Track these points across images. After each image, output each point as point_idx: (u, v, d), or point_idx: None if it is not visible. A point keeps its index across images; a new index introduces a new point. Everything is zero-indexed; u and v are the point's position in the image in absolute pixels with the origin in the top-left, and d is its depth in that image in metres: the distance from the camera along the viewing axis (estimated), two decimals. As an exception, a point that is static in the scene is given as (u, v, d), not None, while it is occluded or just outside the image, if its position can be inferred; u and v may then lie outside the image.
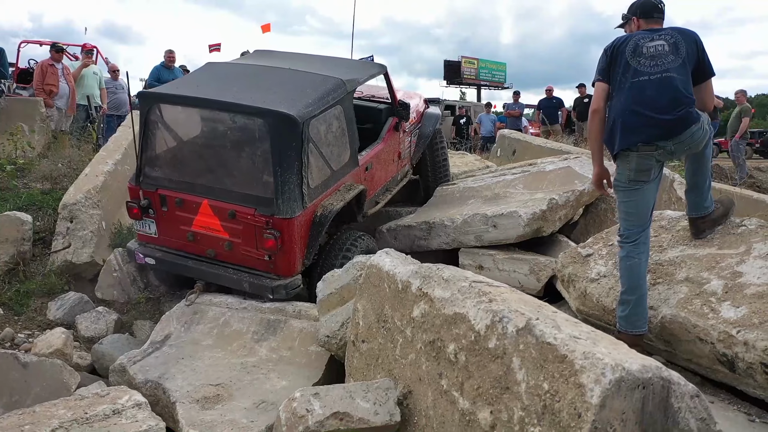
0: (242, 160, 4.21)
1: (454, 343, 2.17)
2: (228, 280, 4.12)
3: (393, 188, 5.48)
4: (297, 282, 4.04)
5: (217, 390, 3.40)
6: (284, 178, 3.88)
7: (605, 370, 1.60)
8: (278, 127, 3.87)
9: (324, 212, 4.12)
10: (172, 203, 4.15)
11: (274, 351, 3.74)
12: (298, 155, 3.91)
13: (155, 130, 4.31)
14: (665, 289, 2.84)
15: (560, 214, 4.55)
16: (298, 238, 3.96)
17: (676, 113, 2.79)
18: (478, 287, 2.22)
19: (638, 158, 2.86)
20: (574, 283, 3.27)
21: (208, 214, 4.06)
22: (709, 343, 2.53)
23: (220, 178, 4.17)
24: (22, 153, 6.25)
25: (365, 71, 5.07)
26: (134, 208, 4.28)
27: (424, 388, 2.34)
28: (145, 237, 4.40)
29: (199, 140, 4.43)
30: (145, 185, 4.24)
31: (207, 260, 4.19)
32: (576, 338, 1.75)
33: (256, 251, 3.96)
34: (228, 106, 4.11)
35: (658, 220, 3.36)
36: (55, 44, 8.35)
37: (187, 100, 4.33)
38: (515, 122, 13.68)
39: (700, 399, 1.76)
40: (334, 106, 4.34)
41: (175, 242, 4.27)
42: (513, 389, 1.86)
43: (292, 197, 3.90)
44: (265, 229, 3.86)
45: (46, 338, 3.94)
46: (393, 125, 5.31)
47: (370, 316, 2.83)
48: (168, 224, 4.25)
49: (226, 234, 4.04)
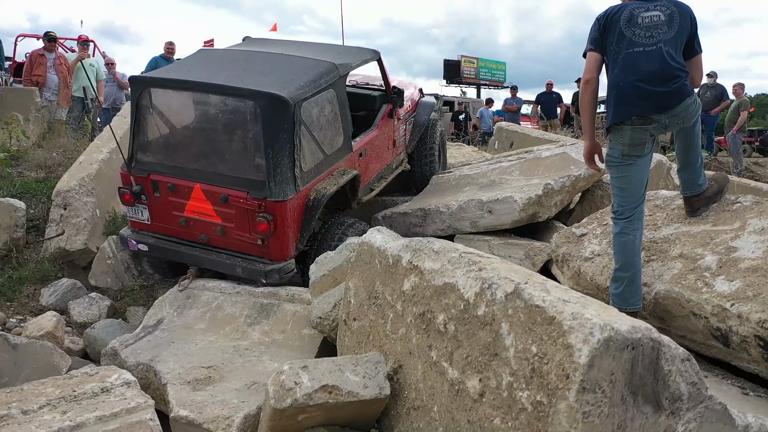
0: (234, 143, 4.17)
1: (443, 314, 2.14)
2: (221, 265, 4.09)
3: (388, 176, 5.45)
4: (290, 266, 4.00)
5: (209, 372, 3.38)
6: (276, 161, 3.84)
7: (594, 330, 1.58)
8: (270, 109, 3.84)
9: (317, 196, 4.09)
10: (165, 188, 4.12)
11: (267, 334, 3.72)
12: (290, 138, 3.88)
13: (146, 116, 4.28)
14: (659, 266, 2.81)
15: (556, 199, 4.52)
16: (291, 221, 3.92)
17: (671, 86, 2.76)
18: (468, 257, 2.19)
19: (632, 132, 2.83)
20: (568, 262, 3.24)
21: (200, 198, 4.02)
22: (702, 318, 2.50)
23: (213, 163, 4.14)
24: (17, 142, 6.22)
25: (358, 56, 5.03)
26: (126, 194, 4.24)
27: (414, 361, 2.32)
28: (138, 224, 4.36)
29: (191, 124, 4.39)
30: (136, 171, 4.20)
31: (200, 246, 4.16)
32: (565, 301, 1.72)
33: (249, 235, 3.93)
34: (219, 89, 4.08)
35: (653, 200, 3.34)
36: (47, 33, 8.21)
37: (177, 83, 4.30)
38: (513, 117, 13.65)
39: (691, 363, 1.73)
40: (326, 90, 4.31)
41: (168, 228, 4.23)
42: (501, 355, 1.83)
43: (284, 180, 3.86)
44: (257, 212, 3.82)
45: (36, 321, 3.91)
46: (387, 112, 5.28)
47: (362, 293, 2.80)
48: (160, 210, 4.21)
49: (219, 219, 4.00)
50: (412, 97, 5.97)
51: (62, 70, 8.16)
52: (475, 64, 29.91)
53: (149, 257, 4.68)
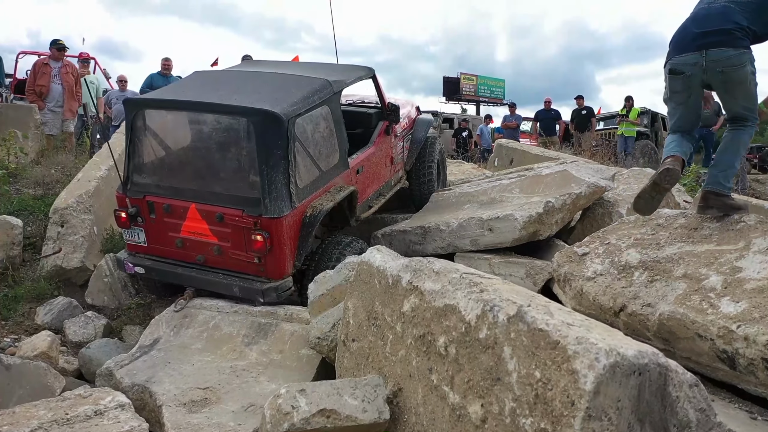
0: (228, 161, 4.16)
1: (444, 336, 2.10)
2: (218, 285, 4.05)
3: (386, 193, 5.42)
4: (288, 284, 3.96)
5: (205, 393, 3.32)
6: (271, 177, 3.82)
7: (599, 355, 1.53)
8: (263, 125, 3.82)
9: (314, 212, 4.05)
10: (160, 209, 4.09)
11: (265, 354, 3.66)
12: (284, 154, 3.86)
13: (141, 137, 4.26)
14: (663, 286, 2.76)
15: (557, 217, 4.48)
16: (288, 238, 3.89)
17: (719, 32, 2.91)
18: (469, 278, 2.15)
19: (670, 79, 3.11)
20: (570, 282, 3.20)
21: (196, 218, 4.00)
22: (708, 340, 2.45)
23: (208, 182, 4.12)
24: (15, 159, 6.20)
25: (352, 74, 5.03)
26: (122, 217, 4.21)
27: (414, 384, 2.26)
28: (135, 246, 4.32)
29: (185, 144, 4.38)
30: (132, 193, 4.18)
31: (196, 266, 4.12)
32: (569, 324, 1.68)
33: (246, 254, 3.89)
34: (212, 107, 4.08)
35: (655, 218, 3.30)
36: (56, 41, 7.91)
37: (171, 103, 4.31)
38: (512, 134, 13.68)
39: (699, 388, 1.68)
40: (320, 106, 4.30)
41: (165, 250, 4.20)
42: (504, 380, 1.78)
43: (279, 196, 3.84)
44: (253, 230, 3.79)
45: (31, 341, 3.86)
46: (384, 129, 5.27)
47: (361, 314, 2.76)
48: (157, 231, 4.18)
49: (215, 238, 3.97)
50: (409, 114, 5.97)
51: (68, 79, 7.87)
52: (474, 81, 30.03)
53: (145, 279, 4.62)
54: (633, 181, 5.32)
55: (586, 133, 13.00)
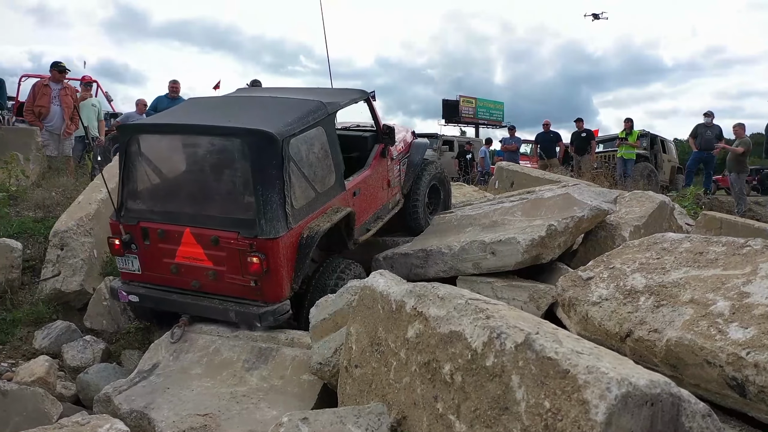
0: (223, 183, 4.13)
1: (449, 363, 2.06)
2: (214, 311, 3.98)
3: (384, 216, 5.38)
4: (285, 307, 3.91)
5: (205, 420, 3.27)
6: (266, 198, 3.78)
7: (610, 385, 1.50)
8: (257, 145, 3.81)
9: (310, 234, 4.01)
10: (154, 235, 4.03)
11: (265, 380, 3.61)
12: (279, 174, 3.83)
13: (135, 163, 4.23)
14: (670, 311, 2.73)
15: (559, 240, 4.46)
16: (284, 260, 3.84)
17: None
18: (475, 304, 2.12)
19: None
20: (575, 307, 3.16)
21: (190, 243, 3.93)
22: (717, 366, 2.41)
23: (202, 205, 4.09)
24: (16, 181, 6.19)
25: (347, 96, 5.04)
26: (116, 244, 4.13)
27: (419, 412, 2.22)
28: (129, 275, 4.25)
29: (180, 169, 4.36)
30: (126, 219, 4.12)
31: (192, 293, 4.06)
32: (578, 353, 1.65)
33: (242, 278, 3.83)
34: (206, 129, 4.08)
35: (660, 242, 3.28)
36: (57, 63, 7.99)
37: (165, 128, 4.31)
38: (512, 156, 13.73)
39: (712, 419, 1.65)
40: (314, 127, 4.29)
41: (159, 277, 4.13)
42: (512, 409, 1.75)
43: (275, 217, 3.79)
44: (249, 252, 3.74)
45: (28, 366, 3.81)
46: (380, 151, 5.25)
47: (364, 339, 2.72)
48: (151, 258, 4.11)
49: (211, 263, 3.91)
50: (405, 138, 5.97)
51: (68, 101, 7.91)
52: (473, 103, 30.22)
53: (137, 307, 4.49)
54: (635, 204, 5.31)
55: (586, 155, 13.04)
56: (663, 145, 16.07)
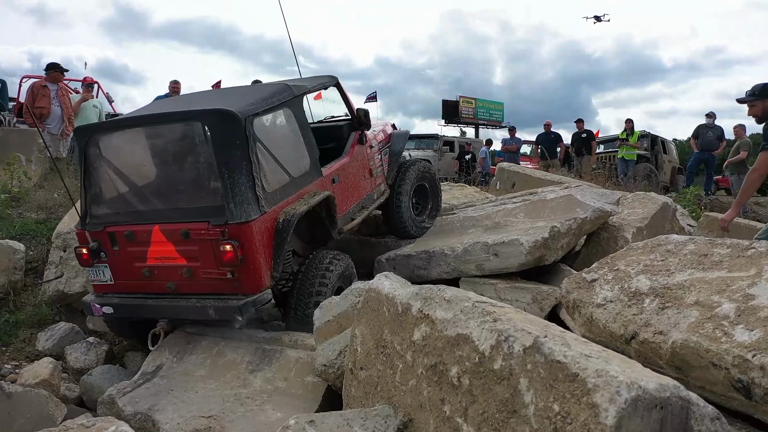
0: (187, 173, 3.97)
1: (457, 366, 2.06)
2: (191, 311, 3.77)
3: (369, 205, 5.23)
4: (266, 296, 3.71)
5: (209, 422, 3.27)
6: (233, 181, 3.62)
7: (620, 389, 1.50)
8: (219, 126, 3.66)
9: (287, 217, 3.85)
10: (123, 239, 3.84)
11: (269, 382, 3.61)
12: (245, 155, 3.69)
13: (96, 166, 4.04)
14: (675, 314, 2.73)
15: (562, 242, 4.46)
16: (260, 246, 3.67)
17: None
18: (482, 307, 2.12)
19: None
20: (580, 308, 3.16)
21: (160, 241, 3.75)
22: (723, 369, 2.41)
23: (168, 200, 3.95)
24: (18, 182, 6.19)
25: (315, 81, 4.96)
26: (83, 254, 3.93)
27: (425, 415, 2.22)
28: (101, 286, 4.04)
29: (141, 165, 4.20)
30: (91, 226, 3.93)
31: (168, 296, 3.86)
32: (587, 356, 1.65)
33: (218, 270, 3.64)
34: (163, 118, 3.94)
35: (664, 244, 3.28)
36: (57, 65, 8.02)
37: (122, 122, 4.19)
38: (513, 157, 13.74)
39: (720, 422, 1.65)
40: (280, 108, 4.19)
41: (133, 284, 3.93)
42: (520, 412, 1.75)
43: (245, 200, 3.63)
44: (221, 241, 3.55)
45: (32, 368, 3.81)
46: (357, 139, 5.15)
47: (369, 342, 2.72)
48: (122, 264, 3.92)
49: (184, 260, 3.73)
50: (384, 129, 5.92)
51: (65, 101, 7.94)
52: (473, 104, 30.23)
53: (110, 319, 4.27)
54: (637, 205, 5.32)
55: (586, 156, 13.06)
56: (663, 145, 16.09)
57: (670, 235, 3.39)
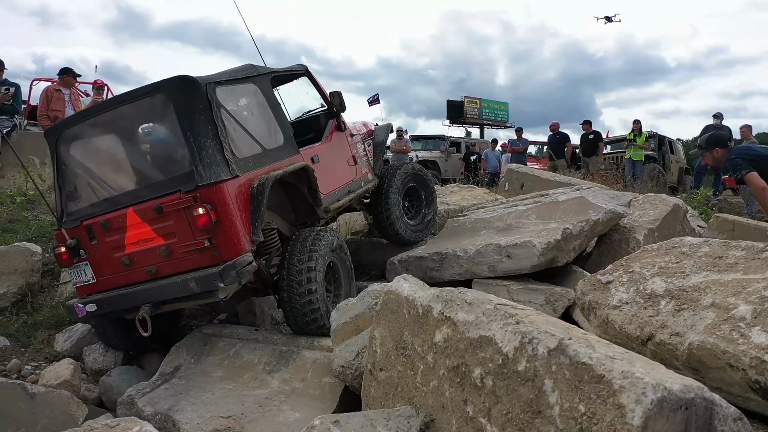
0: (155, 148, 4.01)
1: (480, 368, 2.10)
2: (173, 288, 3.65)
3: (356, 190, 5.22)
4: (246, 258, 3.60)
5: (228, 422, 3.32)
6: (199, 144, 3.61)
7: (646, 390, 1.54)
8: (179, 93, 3.68)
9: (262, 181, 3.82)
10: (99, 230, 3.81)
11: (287, 382, 3.66)
12: (209, 119, 3.68)
13: (67, 162, 4.07)
14: (691, 315, 2.76)
15: (574, 243, 4.49)
16: (235, 209, 3.62)
17: None
18: (504, 309, 2.16)
19: None
20: (595, 310, 3.19)
21: (136, 223, 3.71)
22: (740, 370, 2.45)
23: (140, 179, 3.95)
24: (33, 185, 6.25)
25: (284, 68, 4.98)
26: (63, 254, 3.91)
27: (447, 415, 2.26)
28: (84, 288, 3.98)
29: (111, 151, 4.23)
30: (68, 224, 3.93)
31: (149, 281, 3.77)
32: (612, 358, 1.69)
33: (195, 241, 3.59)
34: (126, 96, 3.94)
35: (679, 247, 3.31)
36: (69, 69, 8.15)
37: (88, 112, 4.26)
38: (519, 158, 13.76)
39: (743, 422, 1.68)
40: (245, 82, 4.23)
41: (114, 278, 3.87)
42: (545, 413, 1.78)
43: (213, 162, 3.61)
44: (194, 206, 3.51)
45: (53, 369, 3.86)
46: (335, 125, 5.17)
47: (389, 343, 2.76)
48: (101, 258, 3.87)
49: (161, 238, 3.67)
50: (366, 124, 6.00)
51: (78, 105, 8.05)
52: (478, 104, 30.22)
53: (97, 326, 4.26)
54: (648, 206, 5.34)
55: (594, 157, 13.07)
56: (671, 146, 16.09)
57: (684, 237, 3.42)
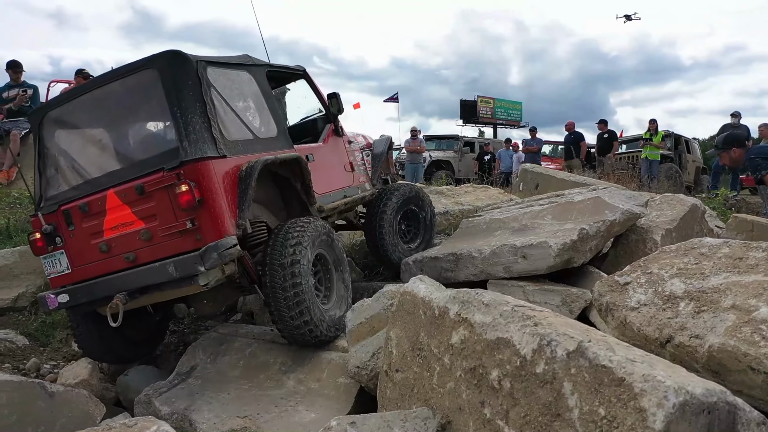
0: (140, 126, 3.90)
1: (497, 370, 2.09)
2: (152, 274, 3.46)
3: (352, 195, 5.14)
4: (230, 241, 3.41)
5: (245, 422, 3.34)
6: (186, 119, 3.46)
7: (668, 393, 1.52)
8: (168, 67, 3.56)
9: (251, 165, 3.69)
10: (77, 214, 3.64)
11: (302, 383, 3.67)
12: (198, 96, 3.57)
13: (49, 145, 3.94)
14: (711, 317, 2.73)
15: (591, 244, 4.46)
16: (221, 189, 3.46)
17: None
18: (522, 311, 2.15)
19: None
20: (613, 312, 3.16)
21: (116, 206, 3.53)
22: (762, 373, 2.41)
23: (123, 159, 3.82)
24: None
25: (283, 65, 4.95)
26: (38, 240, 3.72)
27: (464, 417, 2.25)
28: (58, 279, 3.78)
29: (96, 131, 4.12)
30: (45, 209, 3.76)
31: (127, 269, 3.58)
32: (632, 361, 1.67)
33: (177, 222, 3.40)
34: (113, 74, 3.83)
35: (698, 248, 3.27)
36: (81, 71, 8.17)
37: (71, 94, 4.16)
38: (533, 158, 13.71)
39: (766, 427, 1.66)
40: (239, 68, 4.15)
41: (90, 267, 3.68)
42: (564, 416, 1.77)
43: (200, 139, 3.47)
44: (177, 183, 3.33)
45: (72, 368, 3.91)
46: (332, 129, 5.11)
47: (404, 344, 2.75)
48: (78, 245, 3.68)
49: (142, 222, 3.48)
50: (365, 136, 5.97)
51: None
52: (491, 104, 30.13)
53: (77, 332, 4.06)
54: (666, 206, 5.28)
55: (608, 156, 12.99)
56: (687, 145, 15.93)
57: (703, 238, 3.38)
